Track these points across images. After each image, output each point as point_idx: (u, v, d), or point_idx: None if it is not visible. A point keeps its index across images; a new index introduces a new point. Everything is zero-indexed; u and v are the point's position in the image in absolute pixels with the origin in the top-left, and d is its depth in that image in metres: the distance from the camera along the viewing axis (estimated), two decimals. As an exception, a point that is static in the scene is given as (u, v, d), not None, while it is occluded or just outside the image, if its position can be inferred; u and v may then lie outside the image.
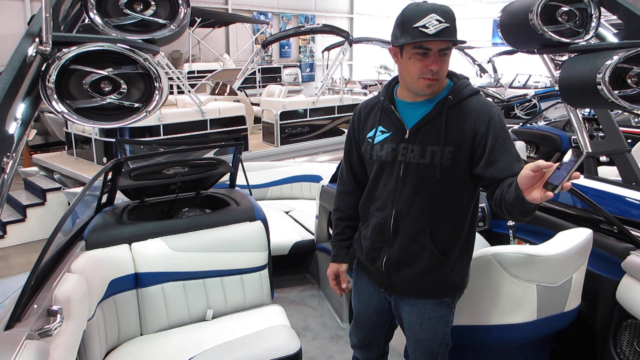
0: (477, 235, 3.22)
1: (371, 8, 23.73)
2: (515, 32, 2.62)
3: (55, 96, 1.49)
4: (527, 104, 11.03)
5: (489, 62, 16.27)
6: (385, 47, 15.25)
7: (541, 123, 7.97)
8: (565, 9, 2.41)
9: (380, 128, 2.00)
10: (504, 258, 2.24)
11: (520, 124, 8.22)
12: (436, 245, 1.94)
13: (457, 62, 19.68)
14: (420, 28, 1.74)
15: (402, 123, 1.95)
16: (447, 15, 1.77)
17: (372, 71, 22.72)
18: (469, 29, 26.01)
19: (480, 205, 3.45)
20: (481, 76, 16.94)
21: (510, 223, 3.11)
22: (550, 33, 2.38)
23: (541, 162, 1.49)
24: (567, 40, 2.41)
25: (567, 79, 2.40)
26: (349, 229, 2.25)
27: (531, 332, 2.37)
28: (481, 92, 1.98)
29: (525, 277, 2.25)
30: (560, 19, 2.42)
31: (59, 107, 1.50)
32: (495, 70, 15.95)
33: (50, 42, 1.43)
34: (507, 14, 2.70)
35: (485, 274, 2.30)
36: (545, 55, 2.90)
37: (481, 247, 3.16)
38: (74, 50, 1.48)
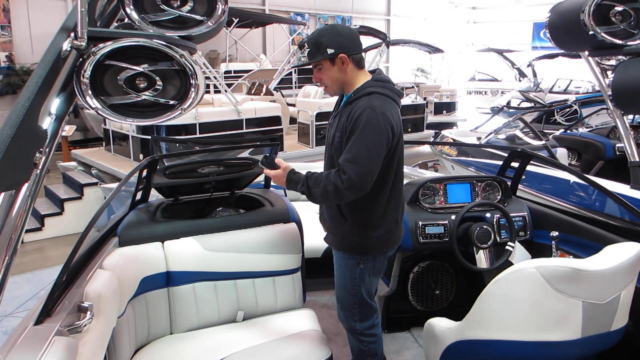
0: (518, 245, 3.13)
1: (408, 10, 23.56)
2: (564, 33, 2.51)
3: (89, 92, 1.47)
4: (568, 109, 10.71)
5: (528, 66, 15.94)
6: (423, 49, 15.16)
7: (583, 130, 7.72)
8: (619, 8, 2.29)
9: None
10: (548, 271, 2.13)
11: (562, 130, 7.98)
12: (339, 207, 2.48)
13: (496, 66, 19.40)
14: None
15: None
16: (309, 40, 2.42)
17: (408, 74, 22.52)
18: (508, 32, 25.57)
19: (521, 214, 3.34)
20: (520, 80, 16.61)
21: (554, 234, 2.98)
22: (603, 34, 2.26)
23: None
24: (621, 42, 2.29)
25: (621, 83, 2.28)
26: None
27: (574, 351, 2.25)
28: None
29: (570, 292, 2.13)
30: (613, 19, 2.29)
31: (93, 103, 1.48)
32: (535, 75, 15.61)
33: (86, 37, 1.40)
34: (556, 14, 2.58)
35: (526, 287, 2.19)
36: (591, 59, 2.77)
37: (522, 258, 3.04)
38: (109, 45, 1.45)
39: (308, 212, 4.32)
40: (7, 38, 12.03)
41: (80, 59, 1.43)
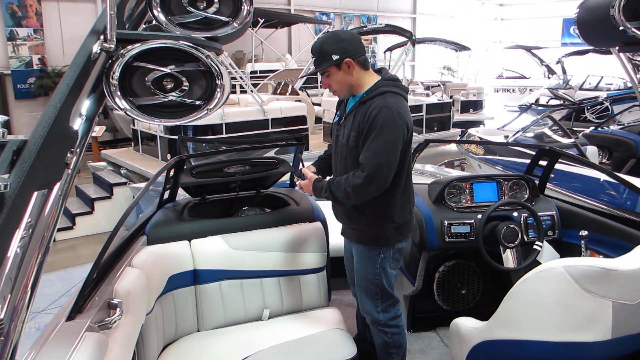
0: (546, 244, 3.09)
1: (435, 7, 23.35)
2: (594, 29, 2.46)
3: (118, 93, 1.50)
4: (599, 106, 10.49)
5: (557, 62, 15.63)
6: (449, 47, 15.02)
7: (614, 127, 7.55)
8: (650, 3, 2.23)
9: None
10: (577, 271, 2.09)
11: (592, 127, 7.82)
12: (355, 205, 2.56)
13: (524, 63, 19.10)
14: None
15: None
16: (313, 49, 2.55)
17: (434, 72, 22.33)
18: (537, 29, 25.14)
19: (549, 213, 3.29)
20: (549, 77, 16.31)
21: (583, 233, 2.92)
22: (634, 29, 2.21)
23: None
24: (653, 38, 2.24)
25: None
26: (319, 162, 2.93)
27: (604, 353, 2.21)
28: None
29: (600, 292, 2.09)
30: (645, 14, 2.24)
31: (122, 103, 1.51)
32: (564, 72, 15.30)
33: (115, 40, 1.43)
34: (585, 9, 2.53)
35: (554, 287, 2.16)
36: (622, 55, 2.71)
37: (551, 257, 2.99)
38: (137, 47, 1.48)
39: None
40: (40, 41, 12.31)
41: (110, 61, 1.46)
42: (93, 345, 1.73)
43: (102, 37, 1.43)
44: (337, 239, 2.99)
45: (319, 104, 11.61)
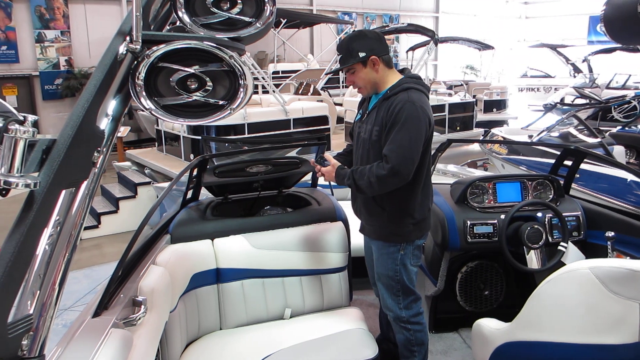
0: (571, 245, 3.04)
1: (458, 6, 23.15)
2: (621, 26, 2.41)
3: (144, 93, 1.52)
4: (626, 105, 10.27)
5: (584, 61, 15.37)
6: (472, 47, 14.88)
7: (642, 126, 7.39)
8: (680, 0, 2.18)
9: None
10: (603, 272, 2.06)
11: (619, 127, 7.67)
12: (375, 199, 2.60)
13: (549, 62, 18.83)
14: None
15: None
16: (340, 47, 2.61)
17: (457, 71, 22.15)
18: (562, 27, 24.75)
19: (574, 213, 3.24)
20: (575, 76, 16.05)
21: (610, 234, 2.87)
22: (662, 27, 2.16)
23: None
24: (682, 35, 2.19)
25: None
26: (338, 156, 2.97)
27: (631, 355, 2.16)
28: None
29: (627, 294, 2.05)
30: (674, 11, 2.19)
31: (147, 104, 1.53)
32: (590, 70, 15.03)
33: (140, 41, 1.45)
34: (612, 6, 2.49)
35: (579, 288, 2.13)
36: (651, 53, 2.65)
37: (576, 258, 2.95)
38: (162, 48, 1.50)
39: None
40: (67, 43, 12.55)
41: (135, 62, 1.48)
42: (118, 342, 1.76)
43: (128, 38, 1.45)
44: (358, 239, 2.99)
45: (340, 104, 11.61)
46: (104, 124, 1.43)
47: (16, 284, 1.15)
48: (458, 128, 11.60)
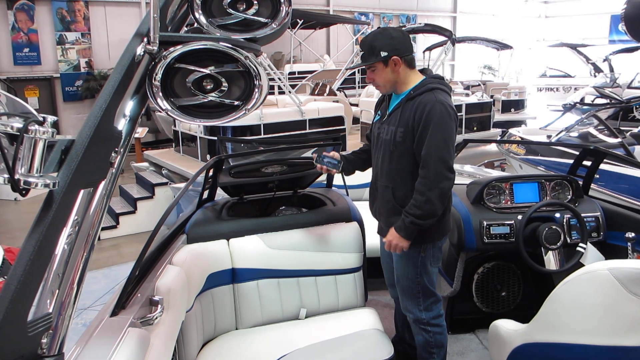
0: (590, 246, 3.00)
1: (476, 6, 22.97)
2: (641, 25, 2.38)
3: (160, 94, 1.53)
4: (649, 105, 10.10)
5: (604, 60, 15.13)
6: (490, 47, 14.75)
7: (664, 127, 7.26)
8: (701, -2, 2.15)
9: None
10: (623, 273, 2.03)
11: (640, 127, 7.56)
12: (396, 200, 2.59)
13: (569, 62, 18.59)
14: None
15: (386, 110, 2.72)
16: (363, 43, 2.59)
17: (475, 71, 21.98)
18: (583, 26, 24.43)
19: (594, 214, 3.20)
20: (595, 76, 15.82)
21: (630, 235, 2.83)
22: (683, 25, 2.13)
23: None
24: None
25: None
26: (353, 154, 2.95)
27: None
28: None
29: None
30: (695, 9, 2.16)
31: (164, 104, 1.54)
32: (611, 69, 14.80)
33: (157, 42, 1.47)
34: (633, 5, 2.46)
35: (598, 289, 2.10)
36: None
37: (595, 259, 2.91)
38: (179, 49, 1.51)
39: (370, 211, 4.31)
40: (87, 45, 12.72)
41: (152, 63, 1.50)
42: (136, 341, 1.78)
43: (145, 39, 1.46)
44: (373, 239, 2.99)
45: (356, 105, 11.60)
46: (122, 124, 1.44)
47: (36, 283, 1.16)
48: (475, 128, 11.53)
